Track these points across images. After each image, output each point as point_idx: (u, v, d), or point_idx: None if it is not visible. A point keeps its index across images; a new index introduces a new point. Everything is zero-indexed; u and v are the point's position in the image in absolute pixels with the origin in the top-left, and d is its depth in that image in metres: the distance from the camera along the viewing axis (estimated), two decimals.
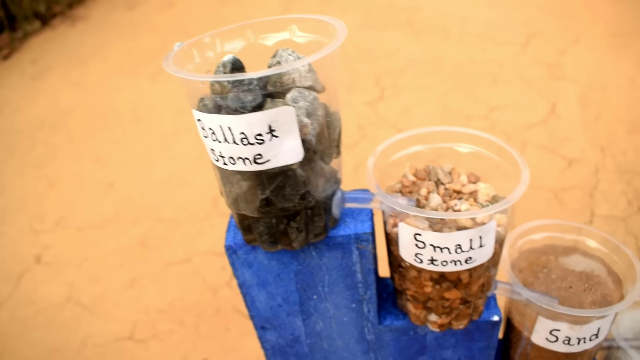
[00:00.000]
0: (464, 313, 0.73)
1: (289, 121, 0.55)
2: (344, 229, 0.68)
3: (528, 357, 0.83)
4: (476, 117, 2.26)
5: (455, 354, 0.83)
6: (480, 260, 0.65)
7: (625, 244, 1.51)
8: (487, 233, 0.62)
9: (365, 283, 0.73)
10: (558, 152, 2.03)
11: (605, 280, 0.81)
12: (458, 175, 0.72)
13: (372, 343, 0.82)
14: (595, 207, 1.78)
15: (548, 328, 0.75)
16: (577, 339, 0.75)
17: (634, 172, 1.91)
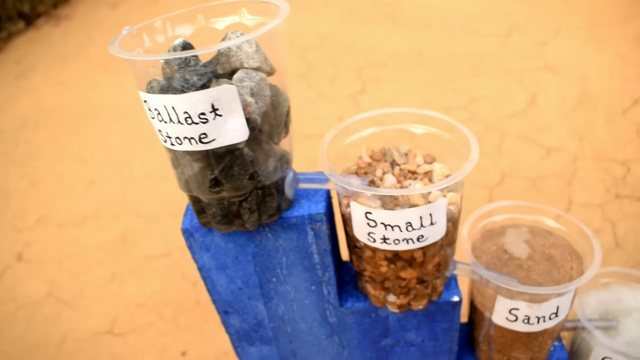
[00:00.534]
0: (422, 293, 0.74)
1: (231, 100, 0.55)
2: (298, 210, 0.69)
3: (491, 339, 0.83)
4: (456, 109, 2.27)
5: (418, 335, 0.83)
6: (432, 239, 0.65)
7: (602, 230, 1.53)
8: (437, 210, 0.63)
9: (323, 264, 0.73)
10: (537, 142, 2.04)
11: (566, 259, 0.81)
12: (414, 157, 0.73)
13: (335, 326, 0.82)
14: (573, 194, 1.79)
15: (507, 307, 0.76)
16: (536, 318, 0.75)
17: (612, 159, 1.92)
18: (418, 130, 0.73)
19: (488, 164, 1.93)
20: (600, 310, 0.92)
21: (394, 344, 0.85)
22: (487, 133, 2.10)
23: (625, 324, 0.89)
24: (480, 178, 1.87)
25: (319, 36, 3.09)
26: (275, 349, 0.87)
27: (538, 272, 0.79)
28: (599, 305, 0.93)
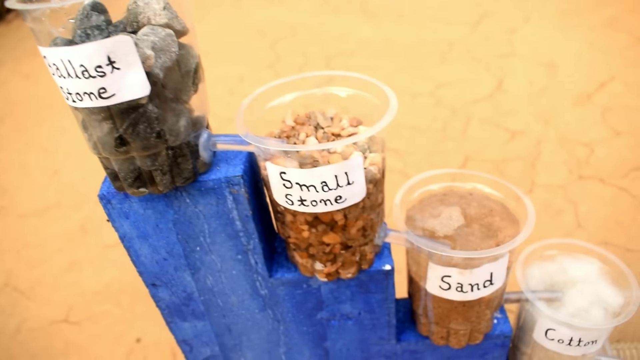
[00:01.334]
0: (350, 260, 0.72)
1: (128, 52, 0.53)
2: (216, 173, 0.66)
3: (428, 310, 0.81)
4: (422, 95, 2.25)
5: (354, 307, 0.81)
6: (352, 200, 0.63)
7: (564, 211, 1.52)
8: (353, 169, 0.61)
9: (247, 232, 0.71)
10: (502, 126, 2.02)
11: (504, 225, 0.79)
12: (340, 120, 0.70)
13: (267, 298, 0.80)
14: (536, 176, 1.77)
15: (439, 275, 0.74)
16: (469, 286, 0.73)
17: (576, 141, 1.91)
18: (342, 93, 0.71)
19: (452, 148, 1.91)
20: (545, 282, 0.91)
21: (330, 317, 0.83)
22: (452, 118, 2.09)
23: (569, 295, 0.87)
24: (443, 162, 1.86)
25: (290, 27, 3.07)
26: (209, 325, 0.85)
27: (475, 239, 0.77)
28: (544, 277, 0.91)
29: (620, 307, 0.84)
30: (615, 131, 1.93)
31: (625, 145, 1.86)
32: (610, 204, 1.62)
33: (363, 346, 0.88)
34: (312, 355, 0.90)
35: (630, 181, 1.70)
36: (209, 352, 0.89)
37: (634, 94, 2.15)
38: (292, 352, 0.89)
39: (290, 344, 0.88)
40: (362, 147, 0.66)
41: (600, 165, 1.77)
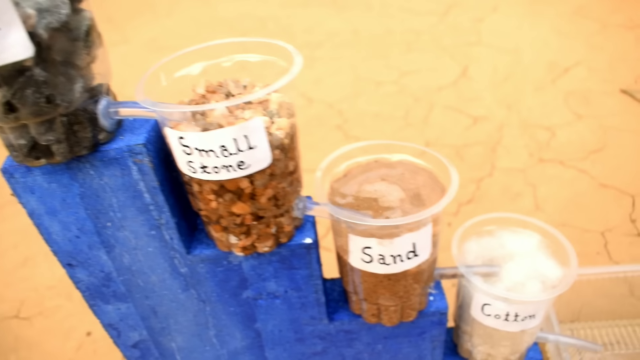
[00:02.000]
0: (265, 233, 0.69)
1: (5, 10, 0.50)
2: (118, 143, 0.64)
3: (356, 285, 0.79)
4: (386, 83, 2.23)
5: (279, 285, 0.78)
6: (257, 166, 0.60)
7: (523, 194, 1.50)
8: (253, 132, 0.58)
9: (157, 205, 0.68)
10: (464, 112, 2.00)
11: (433, 195, 0.77)
12: (252, 87, 0.68)
13: (189, 277, 0.77)
14: (497, 160, 1.75)
15: (359, 246, 0.71)
16: (391, 257, 0.71)
17: (538, 126, 1.90)
18: (253, 58, 0.68)
19: (413, 135, 1.89)
20: (484, 257, 0.88)
21: (256, 296, 0.80)
22: (415, 105, 2.06)
23: (507, 269, 0.85)
24: None
25: (259, 20, 3.04)
26: (133, 307, 0.82)
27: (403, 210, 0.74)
28: (483, 252, 0.89)
29: (559, 280, 0.82)
30: (577, 115, 1.92)
31: (587, 128, 1.85)
32: (569, 185, 1.60)
33: (295, 327, 0.86)
34: (244, 337, 0.87)
35: (591, 163, 1.68)
36: (138, 337, 0.86)
37: (598, 78, 2.14)
38: (223, 335, 0.87)
39: (220, 325, 0.85)
40: (270, 112, 0.63)
41: (561, 148, 1.75)
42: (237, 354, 0.90)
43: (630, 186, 1.58)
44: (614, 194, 1.55)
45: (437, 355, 0.92)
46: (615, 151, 1.72)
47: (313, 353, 0.90)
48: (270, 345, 0.89)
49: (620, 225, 1.45)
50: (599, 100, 1.97)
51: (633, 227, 1.45)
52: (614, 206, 1.51)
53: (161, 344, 0.88)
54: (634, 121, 1.86)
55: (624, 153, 1.70)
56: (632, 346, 1.19)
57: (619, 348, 1.19)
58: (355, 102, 2.06)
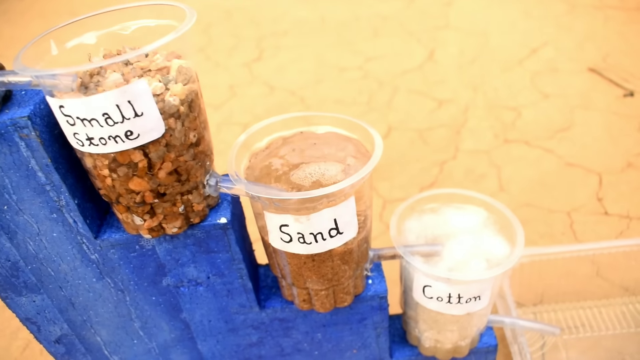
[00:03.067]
0: (171, 212, 0.63)
1: None
2: (1, 116, 0.57)
3: (281, 269, 0.73)
4: (350, 69, 2.18)
5: (200, 271, 0.73)
6: (147, 136, 0.54)
7: (487, 175, 1.44)
8: (138, 98, 0.52)
9: (53, 185, 0.62)
10: (429, 95, 1.95)
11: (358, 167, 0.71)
12: (154, 55, 0.62)
13: (101, 264, 0.71)
14: (461, 142, 1.70)
15: (276, 224, 0.66)
16: (311, 235, 0.65)
17: (504, 106, 1.85)
18: (151, 23, 0.63)
19: (376, 119, 1.84)
20: (426, 236, 0.83)
21: (178, 283, 0.74)
22: (378, 90, 2.01)
23: (449, 247, 0.80)
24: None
25: (226, 11, 2.98)
26: (49, 299, 0.76)
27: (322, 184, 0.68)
28: (425, 230, 0.84)
29: (505, 259, 0.76)
30: (543, 94, 1.87)
31: (553, 107, 1.80)
32: (534, 165, 1.55)
33: (225, 316, 0.80)
34: (172, 329, 0.82)
35: (557, 142, 1.63)
36: (59, 331, 0.80)
37: (565, 58, 2.10)
38: (149, 327, 0.81)
39: (144, 317, 0.79)
40: (166, 78, 0.58)
41: (527, 128, 1.70)
42: (168, 347, 0.84)
43: (597, 164, 1.53)
44: (580, 173, 1.50)
45: (382, 342, 0.87)
46: (582, 130, 1.67)
47: (248, 344, 0.85)
48: (201, 337, 0.83)
49: (586, 204, 1.40)
50: (566, 79, 1.92)
51: (599, 205, 1.40)
52: (580, 185, 1.46)
53: (85, 339, 0.82)
54: (601, 99, 1.81)
55: (590, 131, 1.65)
56: (597, 329, 1.14)
57: (584, 331, 1.14)
58: (318, 88, 2.01)
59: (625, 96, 1.85)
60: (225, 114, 1.95)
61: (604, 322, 1.17)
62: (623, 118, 1.75)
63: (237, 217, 0.72)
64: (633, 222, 1.38)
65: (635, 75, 1.95)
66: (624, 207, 1.43)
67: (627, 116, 1.76)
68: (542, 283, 1.19)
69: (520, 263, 1.10)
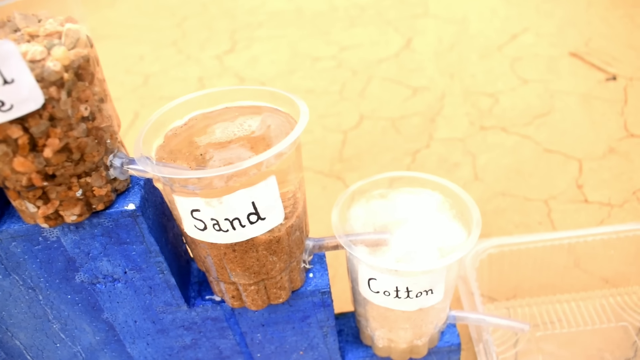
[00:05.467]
0: (68, 197, 0.55)
1: None
2: None
3: (203, 262, 0.65)
4: (324, 58, 2.10)
5: (115, 265, 0.65)
6: (23, 108, 0.47)
7: (461, 163, 1.36)
8: (4, 61, 0.44)
9: None
10: (404, 83, 1.87)
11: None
12: (47, 20, 0.54)
13: (4, 259, 0.64)
14: (435, 131, 1.62)
15: (187, 209, 0.58)
16: (227, 222, 0.57)
17: (481, 93, 1.77)
18: None
19: (347, 109, 1.76)
20: (375, 223, 0.75)
21: (92, 280, 0.66)
22: (352, 78, 1.93)
23: (399, 236, 0.72)
24: (335, 123, 1.70)
25: (201, 4, 2.90)
26: None
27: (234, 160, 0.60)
28: (373, 217, 0.76)
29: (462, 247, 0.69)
30: (522, 80, 1.80)
31: (532, 92, 1.73)
32: (511, 153, 1.47)
33: (151, 316, 0.72)
34: (97, 331, 0.74)
35: (535, 128, 1.56)
36: None
37: (546, 43, 2.02)
38: (70, 329, 0.73)
39: (62, 318, 0.71)
40: (50, 42, 0.50)
41: (504, 114, 1.63)
42: (95, 350, 0.76)
43: (577, 150, 1.46)
44: (559, 159, 1.43)
45: (331, 343, 0.79)
46: (562, 115, 1.60)
47: (182, 347, 0.77)
48: (129, 339, 0.75)
49: (565, 191, 1.32)
50: (546, 64, 1.85)
51: (579, 192, 1.32)
52: (559, 172, 1.38)
53: (3, 342, 0.74)
54: (582, 84, 1.74)
55: (571, 116, 1.58)
56: (574, 324, 1.06)
57: (561, 327, 1.06)
58: (289, 78, 1.93)
59: (607, 80, 1.78)
60: None
61: (582, 316, 1.09)
62: (605, 102, 1.68)
63: (152, 203, 0.64)
64: (615, 209, 1.30)
65: (618, 60, 1.88)
66: (605, 194, 1.35)
67: (610, 100, 1.68)
68: (516, 276, 1.11)
69: (488, 254, 1.02)
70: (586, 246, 1.08)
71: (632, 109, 1.64)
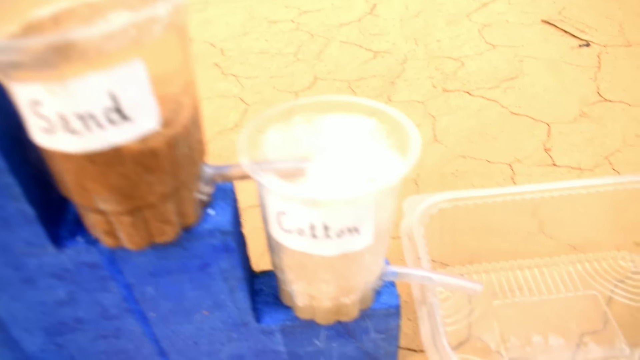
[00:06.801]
0: None
1: None
2: None
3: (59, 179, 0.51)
4: (282, 21, 1.96)
5: None
6: None
7: (422, 125, 1.23)
8: None
9: None
10: (365, 46, 1.74)
11: None
12: None
13: None
14: (394, 93, 1.49)
15: (26, 101, 0.43)
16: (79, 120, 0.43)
17: (446, 57, 1.64)
18: None
19: (301, 70, 1.62)
20: (295, 152, 0.61)
21: None
22: (309, 41, 1.79)
23: (320, 165, 0.58)
24: (287, 84, 1.56)
25: None
26: None
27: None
28: (293, 145, 0.62)
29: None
30: (491, 45, 1.67)
31: (501, 57, 1.60)
32: (475, 116, 1.35)
33: (11, 260, 0.58)
34: None
35: (502, 92, 1.43)
36: None
37: (517, 11, 1.90)
38: None
39: None
40: None
41: (469, 77, 1.50)
42: None
43: (546, 114, 1.34)
44: (526, 123, 1.30)
45: (240, 301, 0.65)
46: (532, 79, 1.47)
47: (56, 302, 0.62)
48: None
49: (532, 155, 1.20)
50: (517, 31, 1.73)
51: (547, 156, 1.20)
52: (525, 135, 1.26)
53: None
54: (554, 50, 1.62)
55: (541, 81, 1.45)
56: (537, 292, 0.94)
57: (522, 295, 0.94)
58: (242, 40, 1.79)
59: (580, 46, 1.66)
60: None
61: (546, 284, 0.97)
62: (577, 68, 1.56)
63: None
64: (585, 173, 1.18)
65: (592, 27, 1.76)
66: (575, 157, 1.23)
67: (582, 66, 1.56)
68: (472, 238, 0.98)
69: (440, 209, 0.89)
70: (552, 208, 0.95)
71: (605, 75, 1.52)
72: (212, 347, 0.73)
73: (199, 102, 0.54)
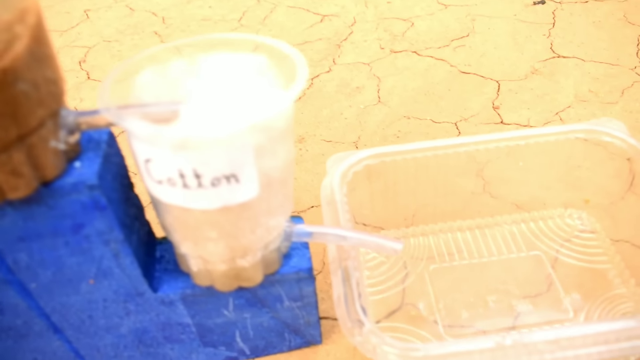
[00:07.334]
0: None
1: None
2: None
3: None
4: None
5: None
6: None
7: (364, 87, 1.16)
8: None
9: None
10: (312, 11, 1.66)
11: None
12: None
13: None
14: (340, 56, 1.42)
15: None
16: None
17: (395, 18, 1.57)
18: None
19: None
20: (171, 94, 0.54)
21: None
22: (255, 6, 1.71)
23: (197, 106, 0.51)
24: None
25: None
26: None
27: None
28: (169, 87, 0.55)
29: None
30: (442, 5, 1.60)
31: (452, 16, 1.53)
32: (422, 76, 1.28)
33: None
34: None
35: (452, 50, 1.36)
36: None
37: None
38: None
39: None
40: None
41: (418, 37, 1.43)
42: None
43: (496, 72, 1.27)
44: (475, 81, 1.24)
45: (128, 267, 0.58)
46: (483, 38, 1.41)
47: None
48: None
49: (479, 113, 1.14)
50: None
51: (495, 114, 1.13)
52: (473, 94, 1.19)
53: None
54: (508, 8, 1.55)
55: (492, 39, 1.39)
56: (477, 254, 0.88)
57: (460, 258, 0.87)
58: (185, 8, 1.70)
59: (535, 4, 1.59)
60: (71, 37, 1.63)
61: (487, 246, 0.91)
62: (531, 25, 1.49)
63: None
64: None
65: None
66: (524, 115, 1.16)
67: (536, 23, 1.50)
68: (406, 200, 0.91)
69: (365, 165, 0.82)
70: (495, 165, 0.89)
71: (560, 31, 1.46)
72: (110, 321, 0.66)
73: (45, 34, 0.47)
